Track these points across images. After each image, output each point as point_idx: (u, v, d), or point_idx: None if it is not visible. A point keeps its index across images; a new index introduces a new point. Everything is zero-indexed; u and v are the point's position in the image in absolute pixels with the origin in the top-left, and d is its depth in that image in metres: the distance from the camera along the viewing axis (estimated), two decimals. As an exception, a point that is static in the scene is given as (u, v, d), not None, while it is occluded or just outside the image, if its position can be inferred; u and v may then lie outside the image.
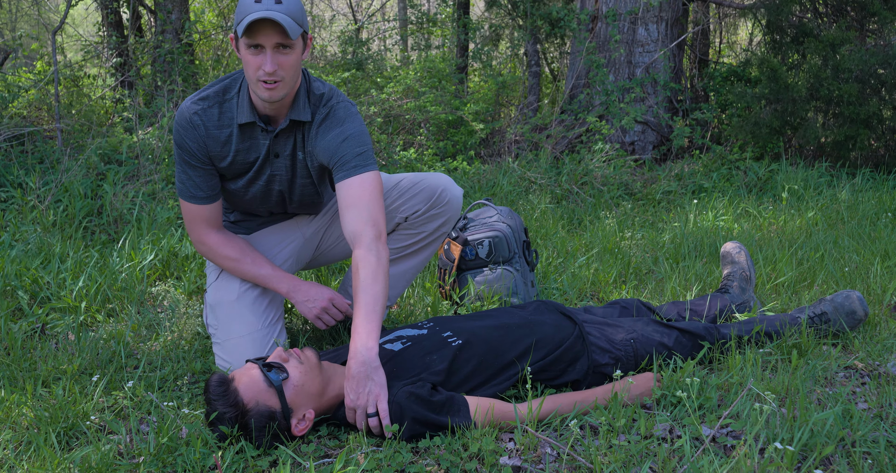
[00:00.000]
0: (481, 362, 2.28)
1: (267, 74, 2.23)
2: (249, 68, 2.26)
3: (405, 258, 2.76)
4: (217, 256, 2.55)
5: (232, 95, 2.42)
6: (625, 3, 6.55)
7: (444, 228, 2.71)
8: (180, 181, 2.49)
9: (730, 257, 3.23)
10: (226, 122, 2.42)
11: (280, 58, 2.24)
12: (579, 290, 3.39)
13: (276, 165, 2.49)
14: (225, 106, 2.41)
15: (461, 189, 2.71)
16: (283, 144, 2.46)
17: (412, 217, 2.65)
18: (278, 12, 2.18)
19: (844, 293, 2.75)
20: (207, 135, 2.41)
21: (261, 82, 2.26)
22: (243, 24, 2.18)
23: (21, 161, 4.77)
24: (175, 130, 2.44)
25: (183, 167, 2.47)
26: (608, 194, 5.09)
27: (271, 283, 2.53)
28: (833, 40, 5.55)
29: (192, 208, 2.51)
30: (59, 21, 6.40)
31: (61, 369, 2.50)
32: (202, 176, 2.47)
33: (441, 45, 8.47)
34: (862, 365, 2.54)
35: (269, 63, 2.22)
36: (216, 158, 2.46)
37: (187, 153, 2.44)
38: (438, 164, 5.78)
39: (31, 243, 3.67)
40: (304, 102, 2.40)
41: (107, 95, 7.18)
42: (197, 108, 2.40)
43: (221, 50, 8.44)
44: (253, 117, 2.38)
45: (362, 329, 2.11)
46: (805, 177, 5.39)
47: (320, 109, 2.43)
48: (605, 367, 2.41)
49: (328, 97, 2.45)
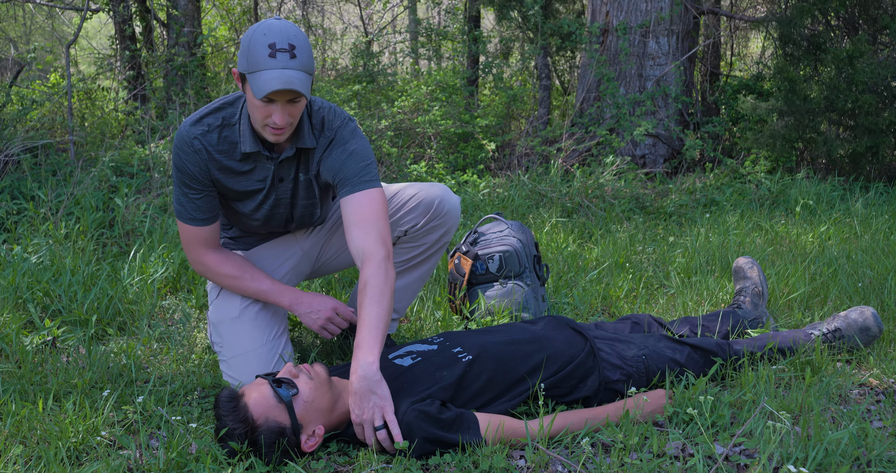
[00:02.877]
0: (491, 378, 2.27)
1: (277, 126, 2.22)
2: (257, 114, 2.23)
3: (409, 271, 2.76)
4: (216, 275, 2.53)
5: (234, 121, 2.38)
6: (636, 16, 6.55)
7: (444, 238, 2.71)
8: (179, 204, 2.45)
9: (742, 272, 3.22)
10: (227, 148, 2.38)
11: (290, 108, 2.22)
12: (590, 305, 3.37)
13: (280, 189, 2.49)
14: (225, 132, 2.37)
15: (458, 197, 2.71)
16: (286, 169, 2.45)
17: (412, 231, 2.66)
18: (294, 70, 2.14)
19: (858, 309, 2.73)
20: (210, 158, 2.38)
21: (267, 128, 2.25)
22: (260, 87, 2.13)
23: (34, 174, 4.79)
24: (175, 154, 2.39)
25: (182, 190, 2.43)
26: (619, 208, 5.07)
27: (272, 297, 2.52)
28: (851, 53, 5.54)
29: (191, 230, 2.48)
30: (74, 35, 6.45)
31: (72, 383, 2.50)
32: (203, 199, 2.44)
33: (452, 58, 8.49)
34: (877, 382, 2.52)
35: (281, 117, 2.20)
36: (219, 181, 2.43)
37: (188, 177, 2.39)
38: (448, 177, 5.78)
39: (43, 255, 3.68)
40: (308, 129, 2.39)
41: (119, 108, 7.22)
42: (197, 131, 2.36)
43: (233, 63, 8.48)
44: (257, 147, 2.36)
45: (364, 345, 2.11)
46: (818, 191, 5.37)
47: (325, 133, 2.42)
48: (616, 383, 2.39)
49: (329, 121, 2.44)
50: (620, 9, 6.59)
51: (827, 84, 5.65)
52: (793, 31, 6.05)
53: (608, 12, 6.67)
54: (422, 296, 3.36)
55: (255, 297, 2.54)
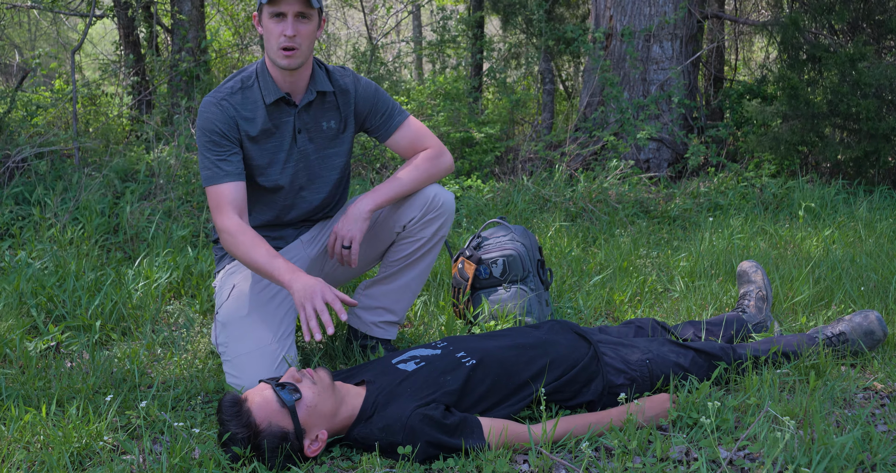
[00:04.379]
0: (495, 382, 2.27)
1: (287, 39, 2.43)
2: (271, 37, 2.45)
3: (408, 268, 2.77)
4: (239, 242, 2.44)
5: (251, 81, 2.59)
6: (639, 20, 6.55)
7: (441, 231, 2.73)
8: (206, 168, 2.53)
9: (746, 276, 3.21)
10: (250, 105, 2.58)
11: (299, 26, 2.44)
12: (594, 309, 3.37)
13: (300, 141, 2.65)
14: (247, 92, 2.58)
15: (452, 193, 2.83)
16: (305, 118, 2.64)
17: (409, 225, 2.69)
18: None
19: (862, 313, 2.73)
20: (237, 114, 2.56)
21: (280, 50, 2.45)
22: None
23: (39, 179, 4.80)
24: (202, 117, 2.54)
25: (211, 150, 2.53)
26: (623, 212, 5.07)
27: (278, 271, 2.38)
28: (852, 56, 5.53)
29: (220, 189, 2.52)
30: (79, 40, 6.47)
31: (75, 388, 2.51)
32: (231, 154, 2.55)
33: (456, 65, 8.49)
34: (881, 386, 2.51)
35: (290, 28, 2.42)
36: (246, 137, 2.57)
37: (217, 134, 2.53)
38: (452, 181, 5.78)
39: (48, 261, 3.68)
40: (323, 76, 2.64)
41: (124, 114, 7.24)
42: (221, 95, 2.56)
43: (237, 68, 8.49)
44: (280, 93, 2.56)
45: (375, 191, 2.60)
46: (822, 194, 5.35)
47: (343, 77, 2.70)
48: (620, 388, 2.39)
49: (340, 69, 2.73)
50: (624, 13, 6.59)
51: (830, 88, 5.64)
52: (796, 35, 6.04)
53: (612, 17, 6.67)
54: (425, 300, 3.36)
55: (265, 269, 2.40)
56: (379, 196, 2.59)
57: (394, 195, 2.61)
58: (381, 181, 5.71)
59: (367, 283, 2.86)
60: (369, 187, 5.53)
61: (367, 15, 9.66)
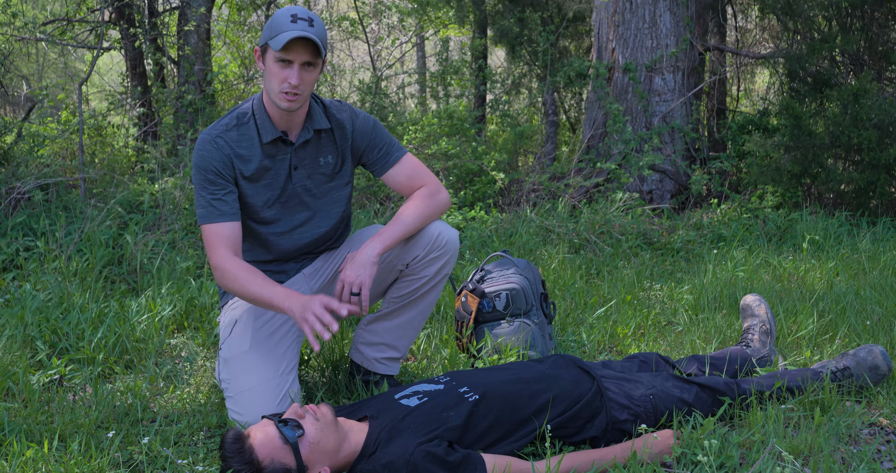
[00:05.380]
0: (498, 417, 2.26)
1: (291, 87, 2.44)
2: (274, 79, 2.46)
3: (411, 305, 2.77)
4: (234, 277, 2.46)
5: (247, 118, 2.60)
6: (642, 53, 6.60)
7: (444, 269, 2.73)
8: (202, 206, 2.54)
9: (750, 309, 3.21)
10: (246, 143, 2.58)
11: (304, 74, 2.46)
12: (597, 343, 3.36)
13: (296, 177, 2.66)
14: (242, 128, 2.59)
15: (456, 230, 2.79)
16: (301, 156, 2.66)
17: (413, 263, 2.69)
18: (311, 33, 2.40)
19: (867, 348, 2.72)
20: (233, 153, 2.56)
21: (282, 94, 2.47)
22: (280, 39, 2.39)
23: (45, 210, 4.83)
24: (198, 155, 2.55)
25: (206, 188, 2.54)
26: (626, 244, 5.07)
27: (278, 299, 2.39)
28: (856, 91, 5.57)
29: (214, 228, 2.53)
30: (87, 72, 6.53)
31: (78, 423, 2.50)
32: (227, 194, 2.56)
33: (459, 96, 8.54)
34: (887, 422, 2.50)
35: (296, 77, 2.44)
36: (241, 176, 2.58)
37: (212, 173, 2.54)
38: (457, 213, 5.79)
39: (52, 292, 3.69)
40: (320, 112, 2.66)
41: (130, 145, 7.28)
42: (217, 132, 2.57)
43: (242, 100, 8.55)
44: (277, 133, 2.58)
45: (381, 234, 2.55)
46: (825, 226, 5.36)
47: (340, 112, 2.71)
48: (624, 423, 2.38)
49: (337, 103, 2.74)
50: (626, 46, 6.65)
51: (832, 120, 5.67)
52: (800, 68, 6.08)
53: (614, 49, 6.72)
54: (428, 334, 3.35)
55: (264, 298, 2.42)
56: (386, 239, 2.55)
57: (400, 236, 2.59)
58: (384, 212, 5.75)
59: (369, 318, 2.86)
60: (373, 218, 5.55)
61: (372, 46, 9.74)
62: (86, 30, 8.20)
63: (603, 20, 6.88)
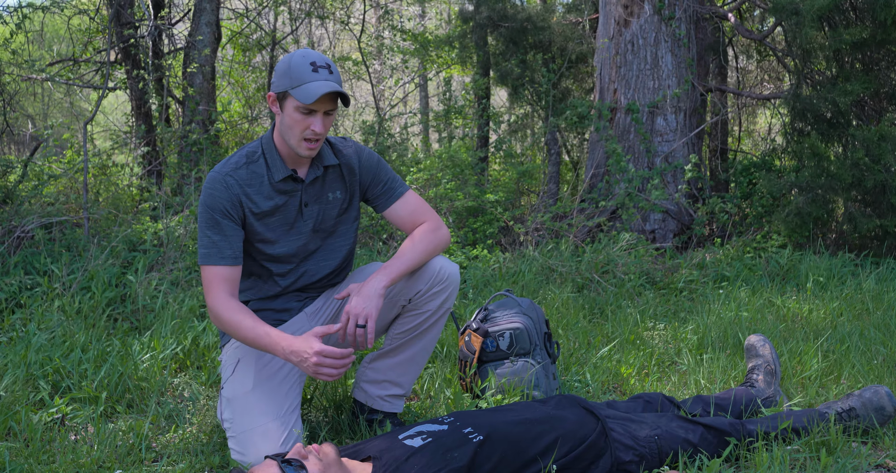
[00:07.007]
0: (503, 458, 2.25)
1: (315, 134, 2.49)
2: (297, 127, 2.49)
3: (414, 341, 2.76)
4: (229, 320, 2.47)
5: (257, 157, 2.62)
6: (643, 93, 6.66)
7: (447, 304, 2.73)
8: (204, 246, 2.54)
9: (754, 350, 3.20)
10: (256, 181, 2.60)
11: (326, 120, 2.51)
12: (602, 383, 3.35)
13: (306, 214, 2.67)
14: (252, 167, 2.61)
15: (456, 265, 2.84)
16: (311, 193, 2.68)
17: (415, 298, 2.69)
18: (337, 85, 2.46)
19: (872, 389, 2.71)
20: (241, 191, 2.57)
21: (304, 141, 2.51)
22: (309, 94, 2.42)
23: (48, 249, 4.84)
24: (207, 194, 2.55)
25: (212, 228, 2.54)
26: (629, 284, 5.07)
27: (272, 342, 2.41)
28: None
29: (214, 270, 2.53)
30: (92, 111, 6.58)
31: (80, 463, 2.49)
32: (232, 234, 2.55)
33: (462, 136, 8.61)
34: (893, 464, 2.48)
35: (320, 125, 2.49)
36: (251, 213, 2.59)
37: (220, 213, 2.54)
38: (459, 252, 5.80)
39: (55, 331, 3.69)
40: (327, 149, 2.70)
41: (134, 184, 7.32)
42: (227, 170, 2.58)
43: (247, 139, 8.62)
44: (288, 171, 2.61)
45: (386, 269, 2.55)
46: (829, 266, 5.36)
47: (346, 148, 2.75)
48: (628, 465, 2.36)
49: (341, 140, 2.78)
50: (629, 86, 6.72)
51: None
52: (807, 111, 6.13)
53: (616, 90, 6.79)
54: (432, 373, 3.34)
55: (258, 342, 2.44)
56: (392, 272, 2.56)
57: (405, 270, 2.60)
58: (387, 251, 5.76)
59: (371, 356, 2.85)
60: (376, 256, 5.56)
61: (375, 86, 9.84)
62: (91, 70, 8.30)
63: (605, 61, 6.95)
